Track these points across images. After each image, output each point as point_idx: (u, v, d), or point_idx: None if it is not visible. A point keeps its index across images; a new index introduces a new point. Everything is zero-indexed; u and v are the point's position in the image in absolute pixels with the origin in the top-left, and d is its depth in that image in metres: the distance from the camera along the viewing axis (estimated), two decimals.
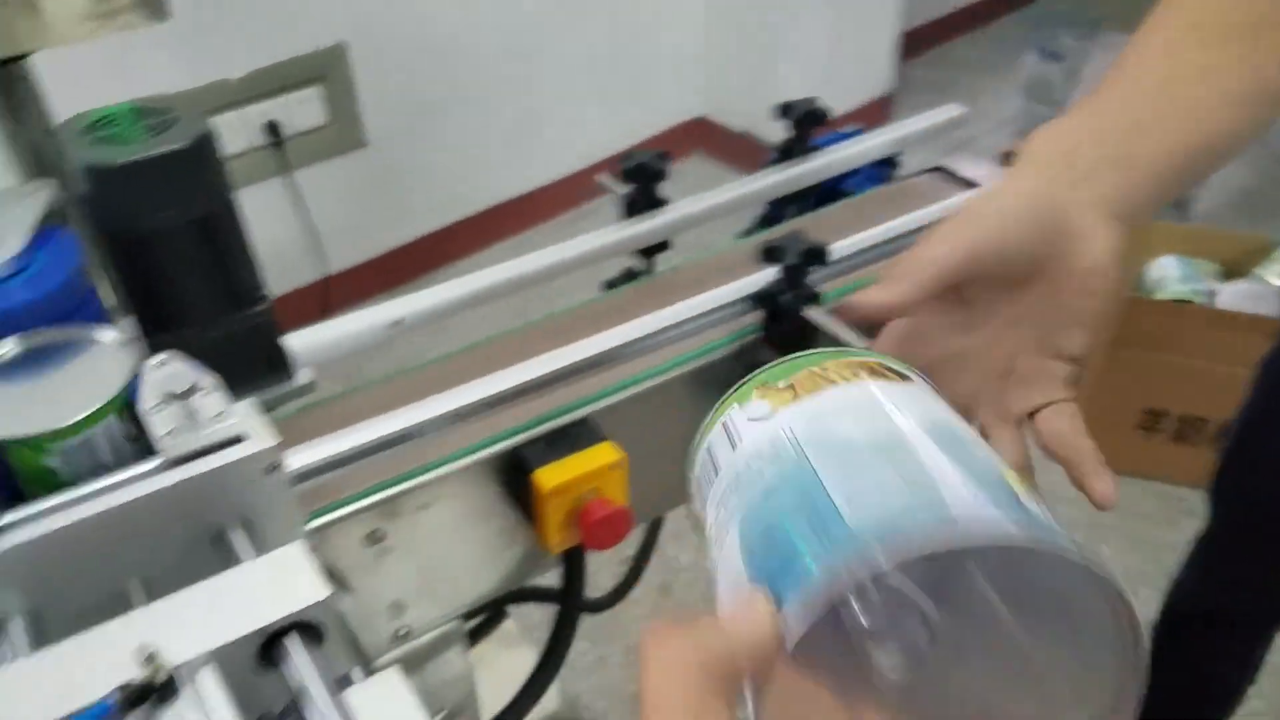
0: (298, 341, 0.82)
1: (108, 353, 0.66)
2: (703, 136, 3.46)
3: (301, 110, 2.63)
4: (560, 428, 0.81)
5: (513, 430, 0.78)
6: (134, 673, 0.50)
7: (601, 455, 0.80)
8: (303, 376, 0.82)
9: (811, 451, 0.40)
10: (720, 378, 0.93)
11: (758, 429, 0.44)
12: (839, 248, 0.86)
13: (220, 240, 0.74)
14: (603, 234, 0.94)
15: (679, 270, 1.01)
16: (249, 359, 0.78)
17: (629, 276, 1.07)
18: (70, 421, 0.61)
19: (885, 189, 1.15)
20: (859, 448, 0.39)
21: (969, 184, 1.13)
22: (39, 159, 0.85)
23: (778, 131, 1.04)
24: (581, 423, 0.82)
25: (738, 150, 3.34)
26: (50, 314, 0.73)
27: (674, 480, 1.04)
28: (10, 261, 0.71)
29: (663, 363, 0.88)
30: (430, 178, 2.96)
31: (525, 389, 0.81)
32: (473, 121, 2.95)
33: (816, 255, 0.80)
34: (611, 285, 1.06)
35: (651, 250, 0.99)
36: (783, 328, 0.83)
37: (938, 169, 1.16)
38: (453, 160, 2.96)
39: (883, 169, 1.19)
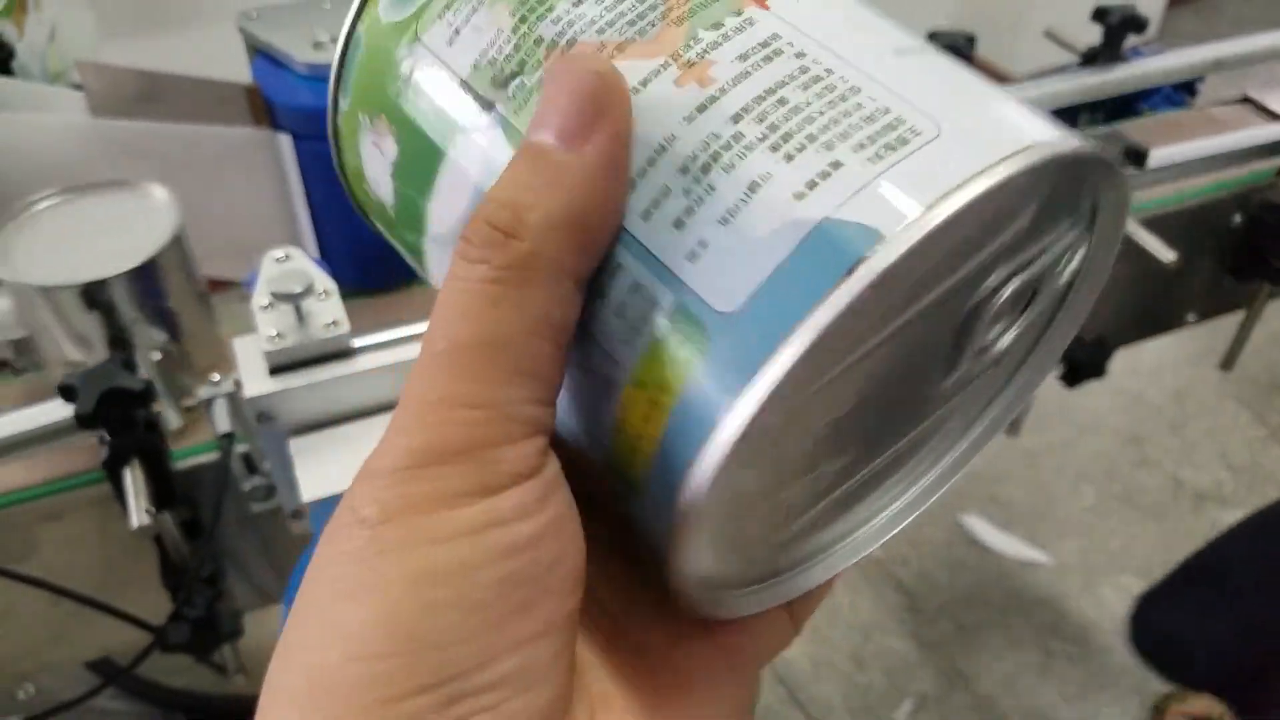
0: None
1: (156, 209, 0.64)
2: None
3: None
4: None
5: None
6: None
7: None
8: None
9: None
10: None
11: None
12: (1156, 157, 0.81)
13: None
14: None
15: None
16: None
17: None
18: None
19: (1183, 113, 1.08)
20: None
21: (1277, 117, 1.05)
22: None
23: (1018, 62, 0.99)
24: None
25: None
26: None
27: None
28: (310, 65, 0.73)
29: None
30: None
31: None
32: None
33: (1136, 156, 0.75)
34: None
35: None
36: None
37: (1244, 99, 1.08)
38: None
39: (1180, 94, 1.12)
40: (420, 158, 0.23)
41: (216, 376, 0.61)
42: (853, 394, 0.20)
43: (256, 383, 0.55)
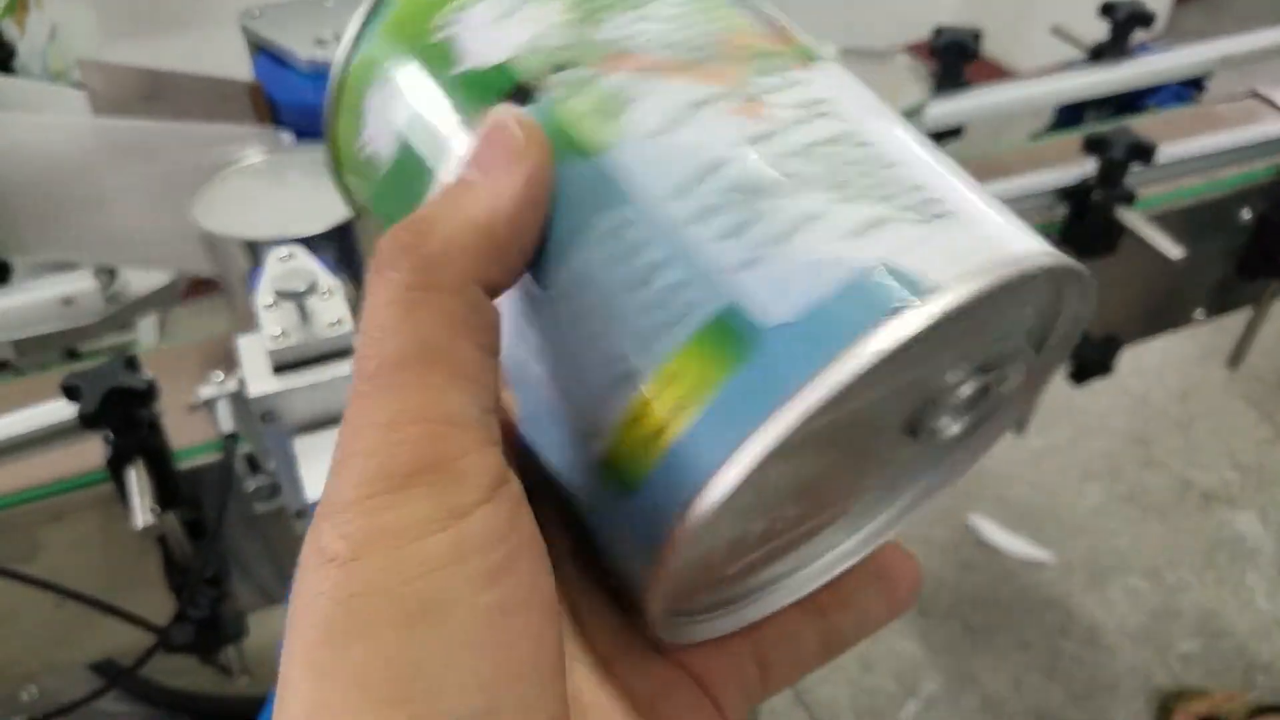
0: None
1: None
2: None
3: None
4: None
5: None
6: None
7: None
8: None
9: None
10: None
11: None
12: (1163, 153, 0.81)
13: None
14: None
15: (966, 161, 0.97)
16: None
17: None
18: None
19: (1191, 109, 1.07)
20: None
21: None
22: None
23: (1025, 58, 0.99)
24: None
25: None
26: None
27: None
28: (313, 62, 0.73)
29: None
30: None
31: None
32: None
33: (1143, 152, 0.75)
34: None
35: (941, 136, 0.95)
36: (1088, 227, 0.79)
37: (1252, 94, 1.08)
38: None
39: (1188, 90, 1.11)
40: (439, 122, 0.23)
41: (220, 375, 0.61)
42: (841, 439, 0.21)
43: (260, 382, 0.55)
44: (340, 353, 0.56)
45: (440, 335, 0.19)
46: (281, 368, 0.55)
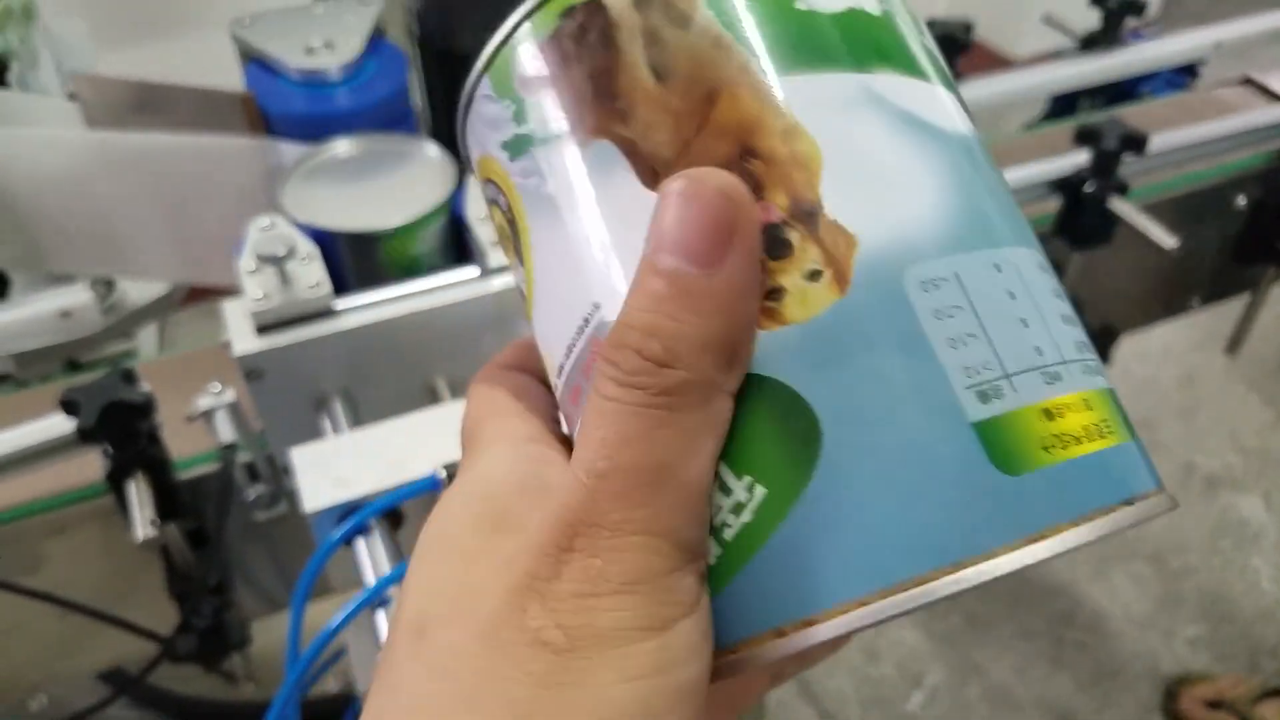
0: None
1: (431, 164, 0.68)
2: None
3: None
4: None
5: None
6: (454, 455, 0.52)
7: None
8: None
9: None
10: None
11: None
12: (1156, 142, 0.81)
13: None
14: None
15: None
16: None
17: None
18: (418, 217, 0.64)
19: (1185, 96, 1.07)
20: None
21: (1278, 98, 1.04)
22: None
23: (1017, 48, 0.99)
24: None
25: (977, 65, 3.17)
26: (373, 123, 0.76)
27: None
28: (343, 68, 0.74)
29: None
30: None
31: None
32: None
33: (1136, 143, 0.75)
34: None
35: None
36: (1083, 220, 0.79)
37: (1245, 80, 1.08)
38: None
39: (1181, 76, 1.11)
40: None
41: (218, 386, 0.61)
42: None
43: (245, 341, 0.58)
44: (320, 313, 0.59)
45: (677, 455, 0.19)
46: (264, 328, 0.58)
